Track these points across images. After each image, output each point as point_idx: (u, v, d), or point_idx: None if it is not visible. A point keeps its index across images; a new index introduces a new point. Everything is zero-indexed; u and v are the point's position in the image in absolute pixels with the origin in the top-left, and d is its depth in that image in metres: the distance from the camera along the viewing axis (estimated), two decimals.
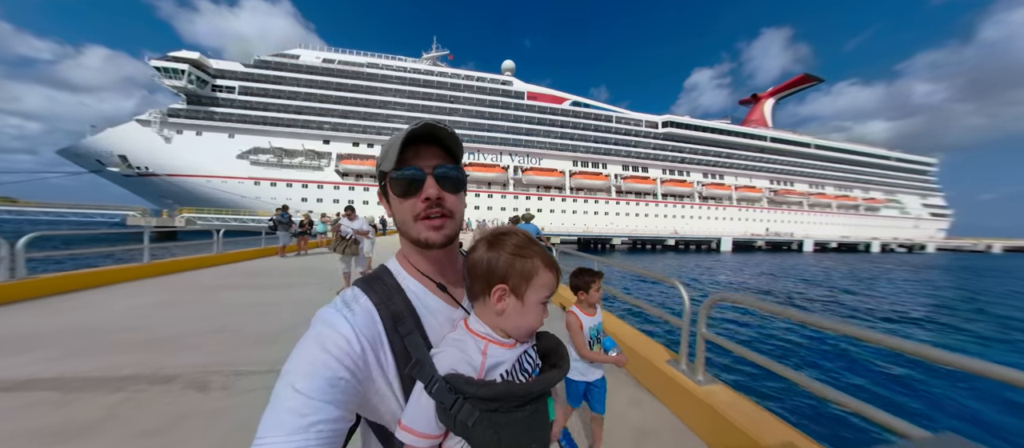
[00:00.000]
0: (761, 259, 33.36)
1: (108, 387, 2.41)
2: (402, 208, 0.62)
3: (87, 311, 4.10)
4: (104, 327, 3.59)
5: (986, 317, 11.29)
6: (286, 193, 44.39)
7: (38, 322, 3.69)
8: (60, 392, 2.32)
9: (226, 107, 44.26)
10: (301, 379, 0.48)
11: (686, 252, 41.43)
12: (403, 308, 0.61)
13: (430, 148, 0.63)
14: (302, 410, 0.46)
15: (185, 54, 42.36)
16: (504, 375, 0.59)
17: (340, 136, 47.02)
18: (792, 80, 77.25)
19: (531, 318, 0.61)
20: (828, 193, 68.31)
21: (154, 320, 3.83)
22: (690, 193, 59.30)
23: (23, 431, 1.94)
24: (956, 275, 23.74)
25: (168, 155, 42.36)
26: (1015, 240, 71.72)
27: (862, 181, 70.96)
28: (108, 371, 2.64)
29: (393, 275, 0.65)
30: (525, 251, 0.61)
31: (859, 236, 62.43)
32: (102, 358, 2.84)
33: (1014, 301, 14.26)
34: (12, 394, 2.29)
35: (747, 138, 64.11)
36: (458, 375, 0.54)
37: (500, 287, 0.60)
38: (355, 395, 0.52)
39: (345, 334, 0.54)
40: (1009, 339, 9.02)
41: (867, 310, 11.81)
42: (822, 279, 19.52)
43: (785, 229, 62.43)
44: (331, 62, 48.29)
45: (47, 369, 2.63)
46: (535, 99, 54.15)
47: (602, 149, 56.09)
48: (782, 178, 66.14)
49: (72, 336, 3.31)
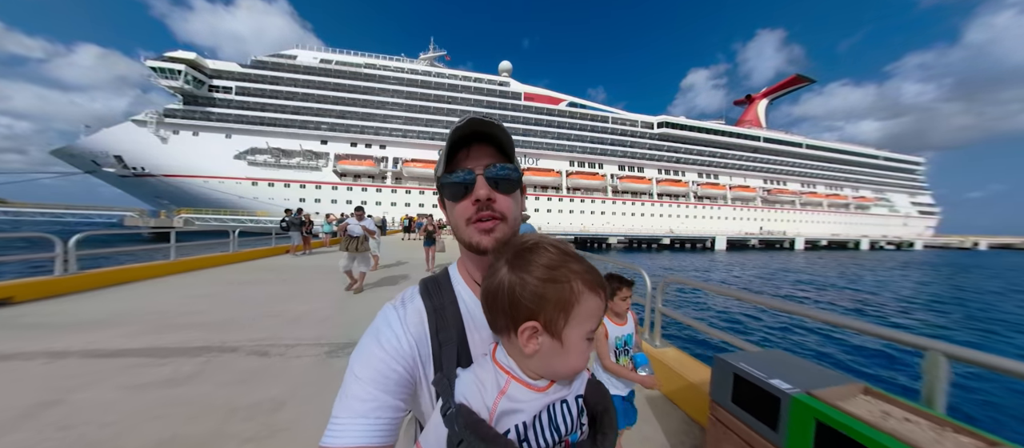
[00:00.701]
0: (754, 257, 34.18)
1: (189, 354, 2.89)
2: (455, 212, 0.60)
3: (142, 300, 4.59)
4: (164, 312, 4.08)
5: (952, 308, 12.03)
6: (284, 193, 44.56)
7: (105, 308, 4.16)
8: (155, 357, 2.81)
9: (223, 107, 44.30)
10: (360, 369, 0.52)
11: (681, 251, 42.17)
12: (450, 316, 0.59)
13: (482, 147, 0.60)
14: (363, 396, 0.50)
15: (181, 54, 42.36)
16: (521, 428, 0.47)
17: (338, 136, 47.22)
18: (785, 81, 78.55)
19: (572, 359, 0.49)
20: (820, 192, 69.58)
21: (203, 307, 4.32)
22: (685, 193, 60.16)
23: (147, 381, 2.43)
24: (936, 270, 24.65)
25: (164, 155, 42.32)
26: (1001, 237, 73.49)
27: (852, 180, 72.37)
28: (184, 343, 3.12)
29: (450, 280, 0.64)
30: (560, 272, 0.48)
31: (849, 234, 63.72)
32: (174, 335, 3.32)
33: (990, 297, 15.03)
34: (115, 359, 2.76)
35: (741, 138, 65.16)
36: (467, 409, 0.47)
37: (529, 325, 0.48)
38: (408, 388, 0.54)
39: (396, 331, 0.56)
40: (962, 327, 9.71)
41: (841, 299, 12.54)
42: (809, 277, 20.27)
43: (778, 228, 63.56)
44: (328, 63, 48.45)
45: (133, 342, 3.11)
46: (532, 100, 54.68)
47: (598, 149, 56.77)
48: (775, 178, 67.28)
49: (140, 319, 3.78)
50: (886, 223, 72.76)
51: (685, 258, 32.23)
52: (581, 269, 0.49)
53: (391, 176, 48.20)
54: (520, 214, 0.63)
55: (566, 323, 0.47)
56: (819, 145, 70.21)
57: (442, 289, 0.62)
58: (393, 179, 48.39)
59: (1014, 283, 18.60)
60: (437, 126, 50.14)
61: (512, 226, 0.60)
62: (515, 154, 0.61)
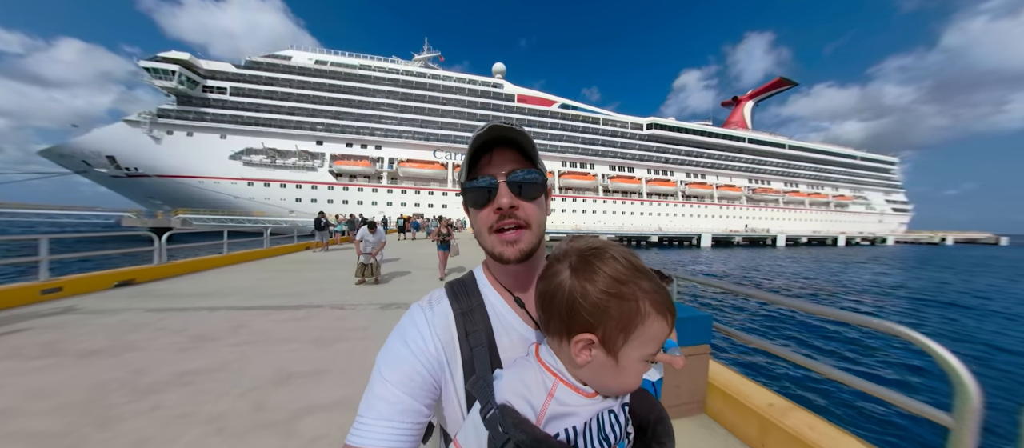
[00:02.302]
0: (738, 254, 36.06)
1: (292, 309, 4.20)
2: (478, 220, 0.59)
3: (223, 282, 5.84)
4: (247, 288, 5.38)
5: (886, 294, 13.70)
6: (280, 193, 44.94)
7: (203, 286, 5.42)
8: (273, 310, 4.07)
9: (217, 108, 44.41)
10: (387, 370, 0.53)
11: (669, 248, 43.97)
12: (479, 319, 0.58)
13: (505, 152, 0.58)
14: (389, 398, 0.50)
15: (175, 55, 42.34)
16: (571, 432, 0.44)
17: (333, 137, 47.72)
18: (769, 84, 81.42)
19: (625, 379, 0.46)
20: (802, 191, 72.52)
21: (276, 284, 5.57)
22: (674, 192, 62.22)
23: (283, 319, 3.69)
24: (897, 262, 26.72)
25: (158, 156, 42.31)
26: (966, 233, 77.72)
27: (832, 179, 75.55)
28: (283, 304, 4.40)
29: (477, 283, 0.63)
30: (629, 288, 0.44)
31: (829, 231, 66.68)
32: (272, 300, 4.55)
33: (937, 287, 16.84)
34: (250, 311, 4.07)
35: (727, 139, 67.53)
36: (513, 410, 0.44)
37: (585, 337, 0.44)
38: (433, 391, 0.54)
39: (422, 333, 0.56)
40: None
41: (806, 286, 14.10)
42: (775, 269, 21.95)
43: (763, 225, 66.12)
44: (323, 64, 48.84)
45: (249, 303, 4.35)
46: (525, 102, 55.90)
47: (590, 150, 58.35)
48: (760, 177, 69.90)
49: (235, 292, 5.07)
50: (863, 220, 76.21)
51: (673, 255, 33.88)
52: (651, 288, 0.45)
53: (387, 176, 48.91)
54: (545, 219, 0.61)
55: (626, 343, 0.44)
56: (801, 146, 73.12)
57: (469, 292, 0.62)
58: (389, 179, 49.12)
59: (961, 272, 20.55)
60: (432, 127, 50.99)
61: (537, 233, 0.58)
62: (539, 159, 0.59)
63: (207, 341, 3.08)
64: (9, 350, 2.91)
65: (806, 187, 73.52)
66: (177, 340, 3.11)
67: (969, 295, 14.01)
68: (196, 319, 3.66)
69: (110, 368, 2.57)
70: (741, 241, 52.06)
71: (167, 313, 3.84)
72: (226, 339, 3.13)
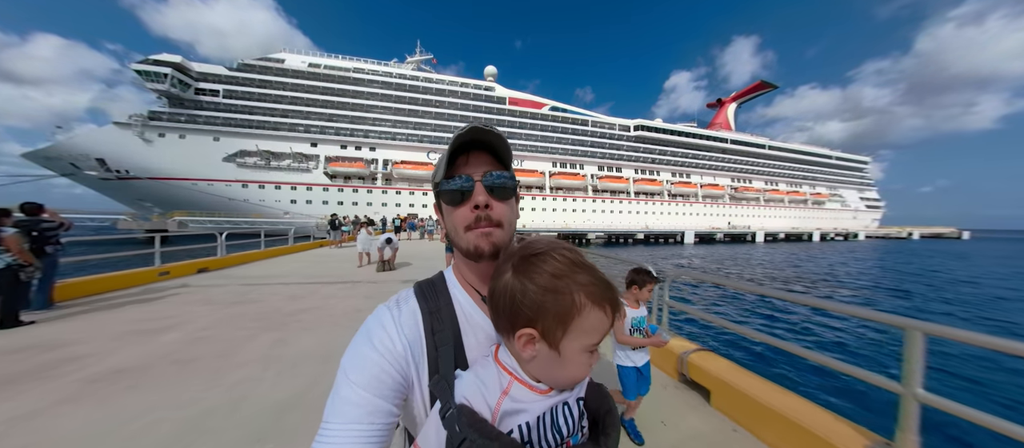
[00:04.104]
0: (719, 249, 38.17)
1: (337, 285, 5.64)
2: (453, 218, 0.61)
3: (269, 269, 7.24)
4: (290, 271, 6.87)
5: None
6: (275, 195, 45.35)
7: (258, 272, 6.75)
8: (325, 284, 5.49)
9: (210, 110, 44.56)
10: (353, 372, 0.52)
11: (655, 245, 45.98)
12: (445, 318, 0.59)
13: (480, 155, 0.61)
14: (356, 401, 0.49)
15: (167, 57, 42.43)
16: (524, 428, 0.46)
17: (327, 139, 48.28)
18: (750, 86, 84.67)
19: (570, 370, 0.48)
20: (781, 189, 75.76)
21: (317, 269, 7.03)
22: (660, 191, 64.48)
23: (343, 291, 4.98)
24: (858, 254, 29.07)
25: (150, 158, 42.28)
26: (932, 228, 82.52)
27: (810, 178, 79.09)
28: (328, 281, 5.68)
29: (446, 283, 0.64)
30: (563, 282, 0.47)
31: (806, 227, 69.96)
32: (317, 279, 5.90)
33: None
34: (309, 284, 5.40)
35: (710, 140, 70.19)
36: (469, 409, 0.46)
37: (526, 332, 0.47)
38: (401, 390, 0.53)
39: (389, 332, 0.56)
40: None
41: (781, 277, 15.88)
42: (748, 261, 23.89)
43: (744, 222, 68.98)
44: (317, 66, 49.36)
45: (302, 280, 5.68)
46: (516, 104, 57.34)
47: (579, 151, 60.14)
48: (742, 176, 72.81)
49: (286, 276, 6.47)
50: (838, 216, 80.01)
51: (658, 251, 35.73)
52: (587, 280, 0.48)
53: (381, 177, 49.71)
54: (516, 221, 0.64)
55: (565, 335, 0.47)
56: (780, 146, 76.39)
57: (437, 292, 0.63)
58: (384, 180, 49.93)
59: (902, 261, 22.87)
60: (425, 129, 51.99)
61: (508, 232, 0.61)
62: (512, 162, 0.63)
63: (300, 297, 4.52)
64: (199, 300, 4.52)
65: (785, 185, 76.85)
66: (280, 296, 4.51)
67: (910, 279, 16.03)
68: (281, 288, 5.03)
69: (257, 309, 4.07)
70: (722, 237, 54.53)
71: (255, 286, 5.19)
72: (311, 297, 4.57)
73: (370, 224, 8.68)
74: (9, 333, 3.51)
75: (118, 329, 3.56)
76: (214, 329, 3.47)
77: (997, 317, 9.64)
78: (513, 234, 0.63)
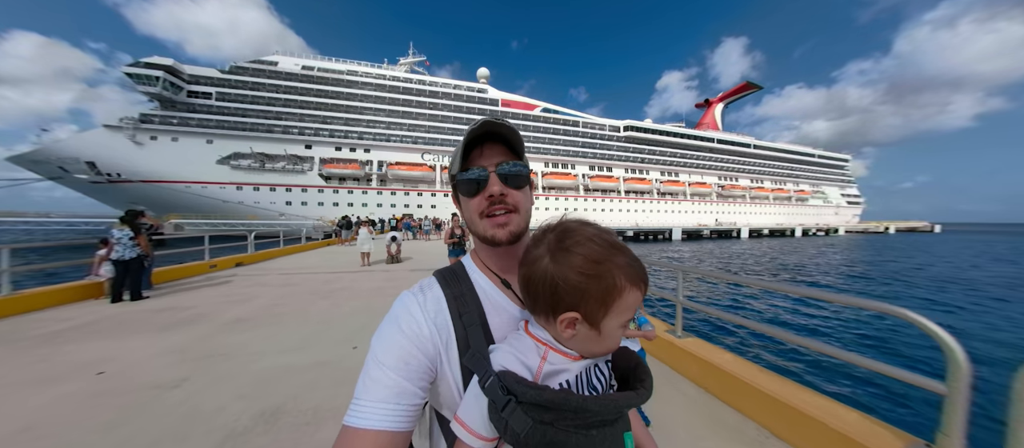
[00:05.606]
0: (706, 246, 39.69)
1: (360, 274, 6.59)
2: (469, 207, 0.63)
3: (296, 262, 8.11)
4: (316, 264, 7.78)
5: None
6: (270, 197, 45.50)
7: (289, 265, 7.61)
8: (351, 273, 6.37)
9: (203, 113, 44.52)
10: (382, 353, 0.54)
11: (644, 242, 47.40)
12: (470, 301, 0.62)
13: (494, 146, 0.64)
14: (385, 382, 0.52)
15: (158, 60, 42.30)
16: (565, 385, 0.50)
17: (322, 141, 48.57)
18: (736, 87, 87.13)
19: (607, 343, 0.52)
20: (766, 187, 78.21)
21: (336, 261, 8.06)
22: (649, 189, 66.13)
23: (372, 280, 5.92)
24: (838, 247, 30.77)
25: (142, 161, 42.11)
26: (907, 222, 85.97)
27: (793, 176, 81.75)
28: (350, 270, 6.57)
29: (466, 270, 0.67)
30: (604, 267, 0.49)
31: (789, 223, 72.34)
32: (341, 267, 6.79)
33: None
34: (342, 272, 6.35)
35: (698, 140, 72.16)
36: (511, 373, 0.49)
37: (569, 316, 0.49)
38: (428, 373, 0.56)
39: (416, 317, 0.58)
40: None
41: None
42: (733, 256, 25.26)
43: (731, 219, 71.08)
44: (310, 69, 49.59)
45: (330, 270, 6.55)
46: (508, 106, 58.27)
47: (570, 151, 61.38)
48: (728, 175, 75.00)
49: (315, 267, 7.34)
50: (821, 213, 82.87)
51: (647, 247, 37.08)
52: (625, 262, 0.50)
53: (376, 178, 50.17)
54: (531, 208, 0.67)
55: (606, 315, 0.49)
56: (765, 145, 78.81)
57: (459, 278, 0.65)
58: (379, 181, 50.39)
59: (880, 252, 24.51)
60: (419, 130, 52.58)
61: (525, 218, 0.64)
62: (524, 153, 0.66)
63: (333, 282, 5.49)
64: (256, 284, 5.55)
65: (770, 183, 79.34)
66: (316, 280, 5.45)
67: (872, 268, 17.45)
68: (312, 276, 5.93)
69: (305, 288, 4.98)
70: (709, 234, 56.29)
71: (292, 275, 6.11)
72: (340, 280, 5.55)
73: (371, 224, 9.59)
74: (142, 303, 4.77)
75: (216, 300, 4.77)
76: (283, 299, 4.69)
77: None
78: (529, 220, 0.66)
